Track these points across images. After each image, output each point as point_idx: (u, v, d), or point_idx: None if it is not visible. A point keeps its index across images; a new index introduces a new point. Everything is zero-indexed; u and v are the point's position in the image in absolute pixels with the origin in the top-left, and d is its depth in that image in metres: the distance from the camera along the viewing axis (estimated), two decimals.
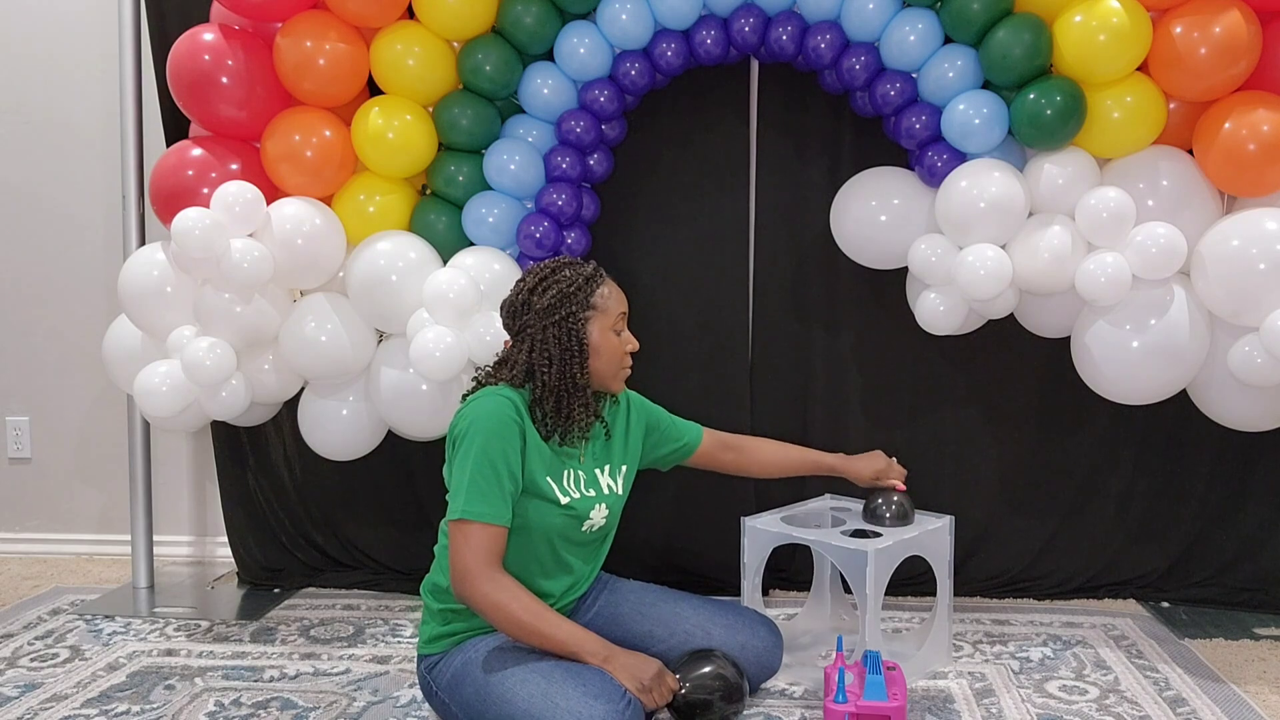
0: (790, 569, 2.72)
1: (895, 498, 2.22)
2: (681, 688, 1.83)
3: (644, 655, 1.83)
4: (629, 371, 2.00)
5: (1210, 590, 2.62)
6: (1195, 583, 2.64)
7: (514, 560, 1.88)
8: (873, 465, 2.29)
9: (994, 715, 2.00)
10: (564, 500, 1.91)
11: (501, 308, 1.98)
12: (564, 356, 1.88)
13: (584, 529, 1.96)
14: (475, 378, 2.00)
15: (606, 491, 2.00)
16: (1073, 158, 2.25)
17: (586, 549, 2.02)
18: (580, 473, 1.96)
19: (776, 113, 2.68)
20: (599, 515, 1.98)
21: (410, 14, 2.39)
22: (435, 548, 1.99)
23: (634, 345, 1.98)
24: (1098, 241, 2.21)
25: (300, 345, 2.38)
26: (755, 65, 2.68)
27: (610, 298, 1.95)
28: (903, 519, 2.19)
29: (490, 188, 2.46)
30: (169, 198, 2.39)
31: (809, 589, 2.49)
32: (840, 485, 2.63)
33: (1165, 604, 2.62)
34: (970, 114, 2.26)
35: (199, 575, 2.97)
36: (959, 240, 2.30)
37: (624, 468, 2.06)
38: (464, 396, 1.95)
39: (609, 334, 1.94)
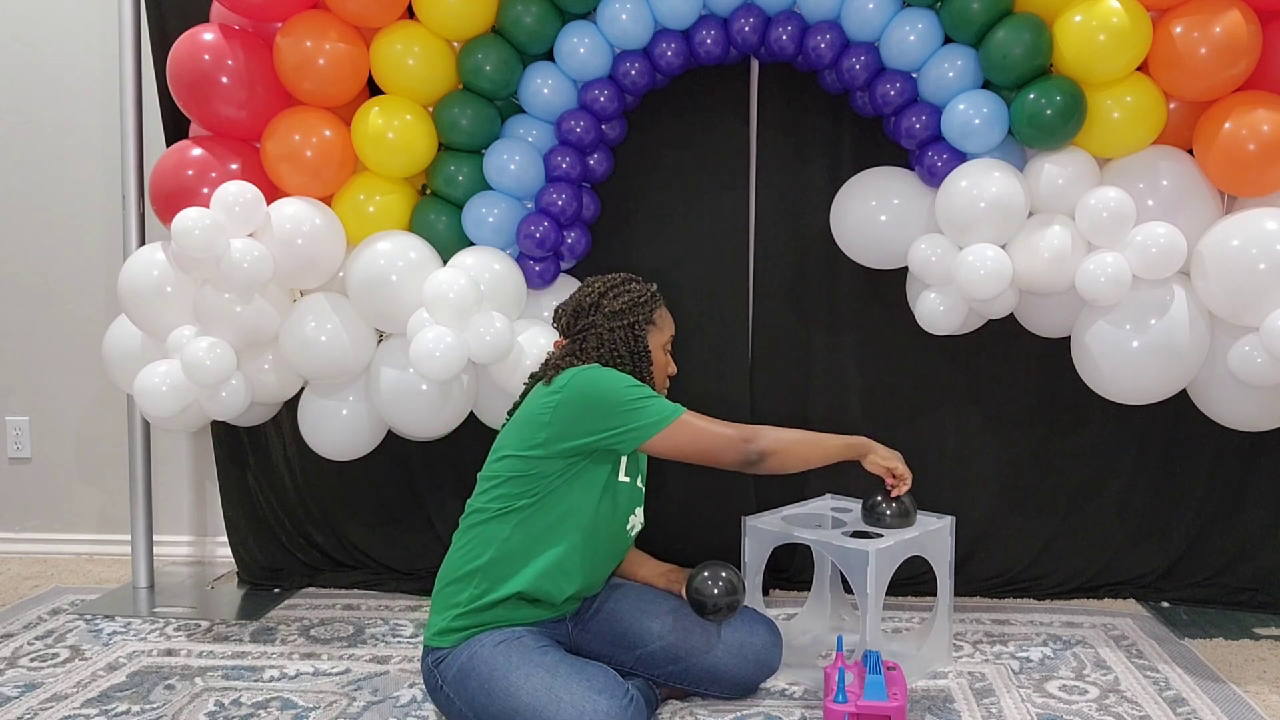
0: (790, 569, 2.72)
1: (898, 497, 2.15)
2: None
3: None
4: (665, 393, 2.07)
5: (1210, 590, 2.62)
6: (1195, 583, 2.64)
7: (546, 548, 1.92)
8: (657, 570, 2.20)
9: (994, 715, 2.00)
10: (624, 479, 1.99)
11: (562, 308, 2.08)
12: (633, 357, 2.00)
13: (628, 527, 2.03)
14: (534, 375, 2.06)
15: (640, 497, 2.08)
16: (1073, 158, 2.25)
17: (615, 553, 2.06)
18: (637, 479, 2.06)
19: (776, 113, 2.68)
20: (639, 515, 2.06)
21: (410, 14, 2.39)
22: (455, 534, 1.99)
23: (674, 370, 2.12)
24: (1098, 241, 2.21)
25: (300, 345, 2.38)
26: (755, 65, 2.68)
27: (667, 319, 2.11)
28: (904, 517, 2.16)
29: (490, 188, 2.46)
30: (169, 198, 2.39)
31: (809, 589, 2.49)
32: (840, 485, 2.64)
33: (1165, 604, 2.62)
34: (970, 114, 2.26)
35: (199, 575, 2.97)
36: (959, 240, 2.30)
37: (642, 489, 2.12)
38: (530, 380, 2.04)
39: (660, 350, 2.08)
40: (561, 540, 1.92)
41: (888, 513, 2.15)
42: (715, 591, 1.96)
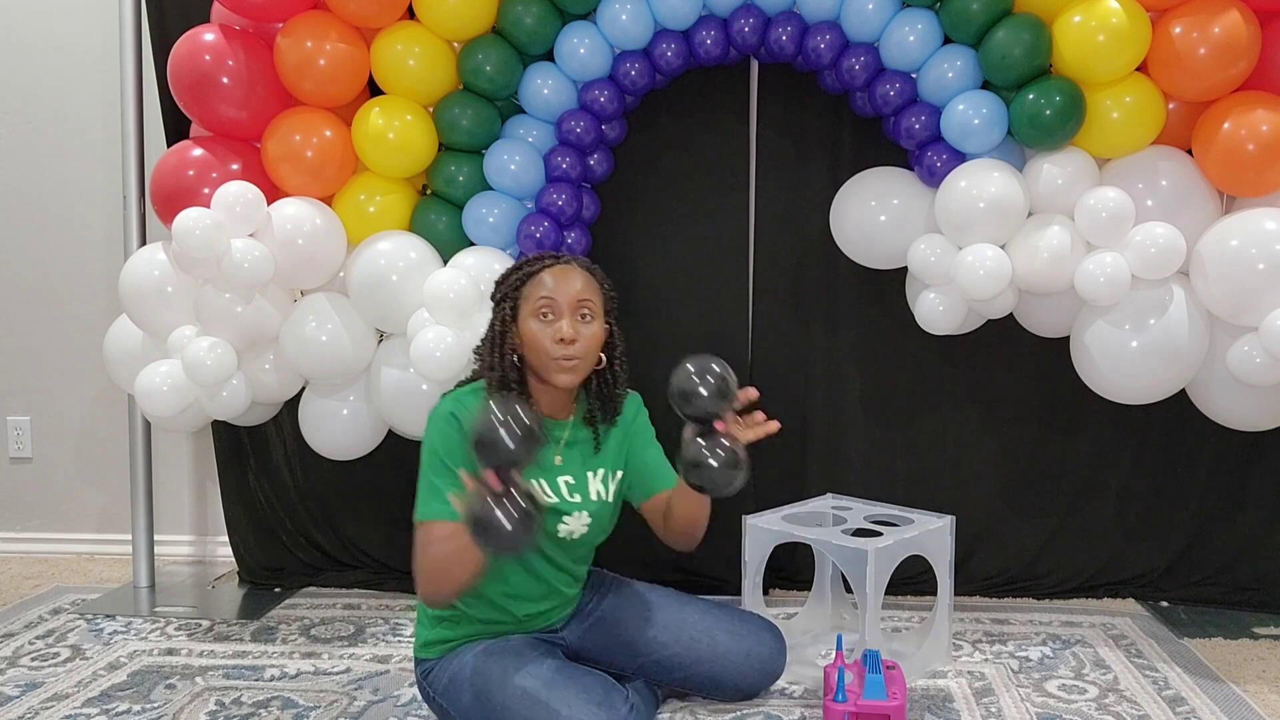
0: (790, 568, 2.73)
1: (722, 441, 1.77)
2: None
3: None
4: (565, 364, 1.84)
5: (1209, 589, 2.63)
6: (1194, 582, 2.64)
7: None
8: None
9: (993, 714, 2.00)
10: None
11: None
12: (490, 342, 1.90)
13: (560, 535, 1.89)
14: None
15: (595, 498, 1.93)
16: (1072, 158, 2.25)
17: (564, 559, 1.94)
18: (561, 479, 1.90)
19: (776, 113, 2.68)
20: (578, 522, 1.90)
21: (410, 14, 2.40)
22: None
23: (562, 335, 1.82)
24: (1097, 241, 2.22)
25: (301, 345, 2.38)
26: (755, 65, 2.69)
27: (535, 284, 1.86)
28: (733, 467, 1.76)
29: (490, 188, 2.46)
30: (170, 198, 2.39)
31: (809, 588, 2.49)
32: (841, 484, 2.64)
33: (1164, 603, 2.62)
34: (970, 114, 2.26)
35: (200, 575, 2.97)
36: (958, 240, 2.31)
37: (619, 474, 1.99)
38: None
39: (528, 321, 1.85)
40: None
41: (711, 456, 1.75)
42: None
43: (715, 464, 1.73)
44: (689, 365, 1.77)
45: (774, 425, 1.86)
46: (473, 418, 1.61)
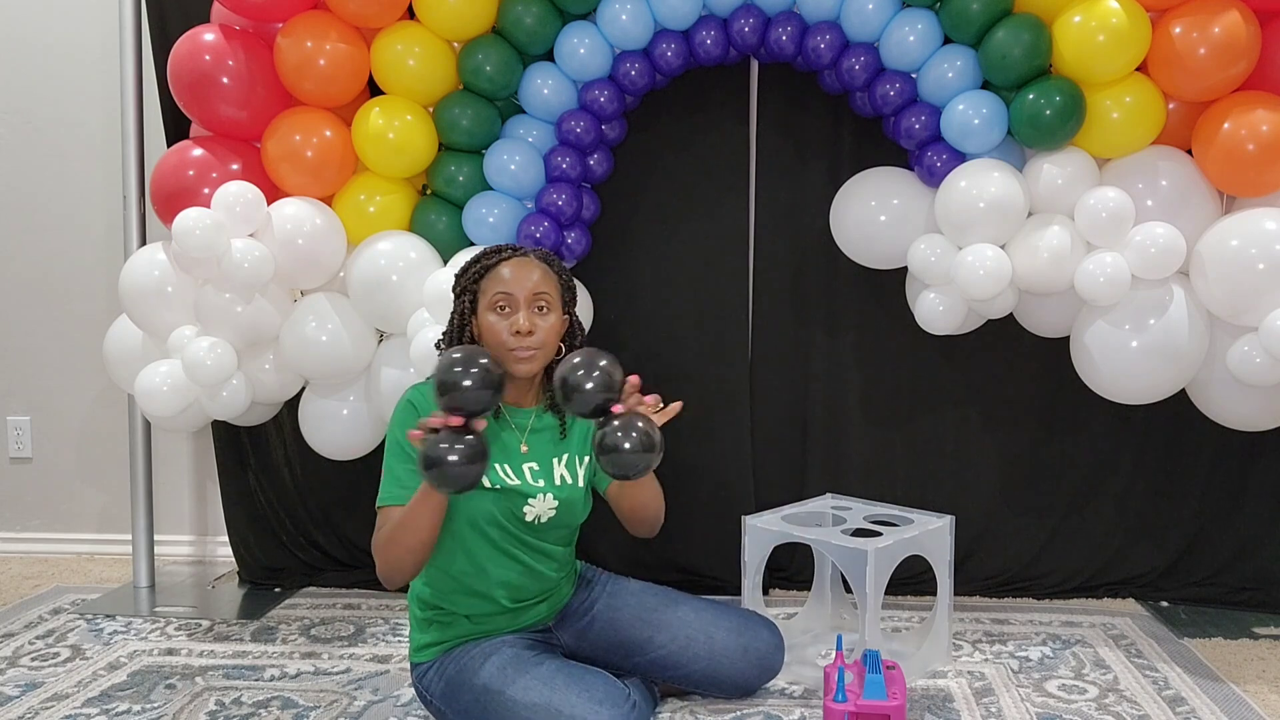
0: (790, 568, 2.73)
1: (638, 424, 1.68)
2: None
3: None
4: (522, 354, 1.85)
5: (1209, 589, 2.62)
6: (1194, 582, 2.64)
7: (454, 560, 1.87)
8: None
9: (993, 714, 2.00)
10: (488, 484, 1.84)
11: None
12: (451, 335, 1.93)
13: (528, 518, 1.89)
14: None
15: (559, 482, 1.92)
16: (1072, 158, 2.25)
17: (538, 541, 1.93)
18: (526, 465, 1.90)
19: (776, 113, 2.68)
20: (544, 505, 1.89)
21: (410, 14, 2.40)
22: None
23: (518, 327, 1.85)
24: (1097, 241, 2.22)
25: (301, 345, 2.38)
26: (755, 66, 2.69)
27: (493, 277, 1.89)
28: (647, 449, 1.68)
29: (490, 188, 2.46)
30: (170, 198, 2.39)
31: (809, 588, 2.49)
32: (841, 484, 2.64)
33: (1164, 603, 2.62)
34: (970, 114, 2.26)
35: (200, 575, 2.97)
36: (958, 240, 2.31)
37: (586, 459, 1.98)
38: None
39: (486, 313, 1.88)
40: (456, 552, 1.87)
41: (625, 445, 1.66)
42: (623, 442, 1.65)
43: (629, 446, 1.65)
44: (572, 359, 1.71)
45: (676, 406, 1.80)
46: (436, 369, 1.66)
